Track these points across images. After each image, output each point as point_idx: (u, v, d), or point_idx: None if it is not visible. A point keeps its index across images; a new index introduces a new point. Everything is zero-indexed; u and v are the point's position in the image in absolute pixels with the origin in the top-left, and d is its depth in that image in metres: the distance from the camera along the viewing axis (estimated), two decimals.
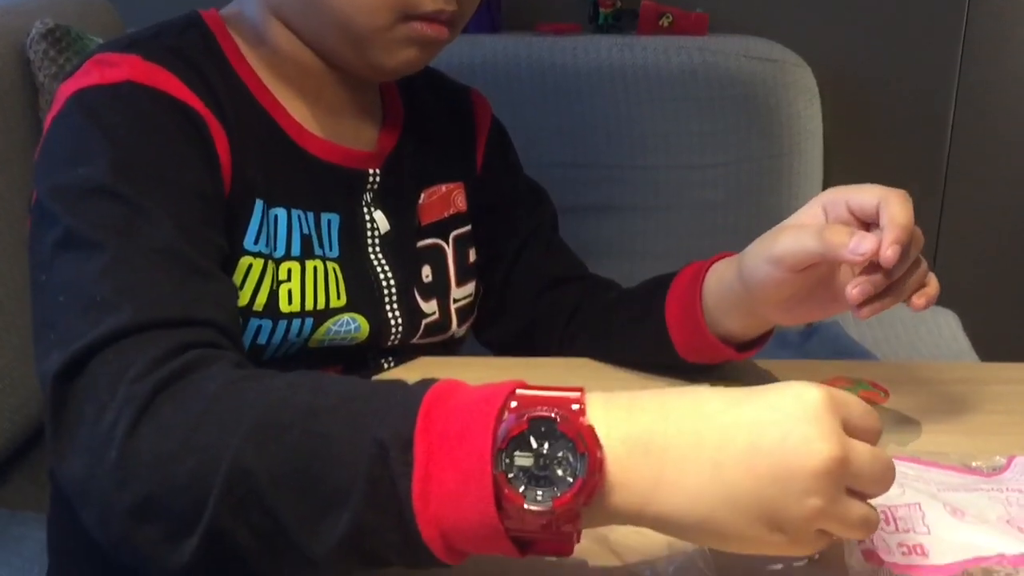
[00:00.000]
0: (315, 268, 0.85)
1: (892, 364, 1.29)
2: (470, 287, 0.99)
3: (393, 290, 0.91)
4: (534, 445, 0.52)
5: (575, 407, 0.53)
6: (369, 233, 0.90)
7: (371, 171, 0.90)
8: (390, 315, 0.90)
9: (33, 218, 0.73)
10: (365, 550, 0.55)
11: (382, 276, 0.90)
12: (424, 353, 0.95)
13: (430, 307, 0.94)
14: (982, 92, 1.78)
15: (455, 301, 0.97)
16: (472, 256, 1.00)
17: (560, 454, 0.52)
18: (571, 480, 0.52)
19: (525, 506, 0.52)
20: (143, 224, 0.69)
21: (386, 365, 0.93)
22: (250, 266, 0.80)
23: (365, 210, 0.90)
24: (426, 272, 0.95)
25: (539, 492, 0.52)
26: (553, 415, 0.53)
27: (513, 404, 0.54)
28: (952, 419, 0.83)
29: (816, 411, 0.53)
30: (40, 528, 0.97)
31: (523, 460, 0.52)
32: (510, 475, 0.52)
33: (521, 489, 0.52)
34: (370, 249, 0.90)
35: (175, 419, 0.58)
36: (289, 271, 0.83)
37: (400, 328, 0.91)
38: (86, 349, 0.62)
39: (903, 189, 0.74)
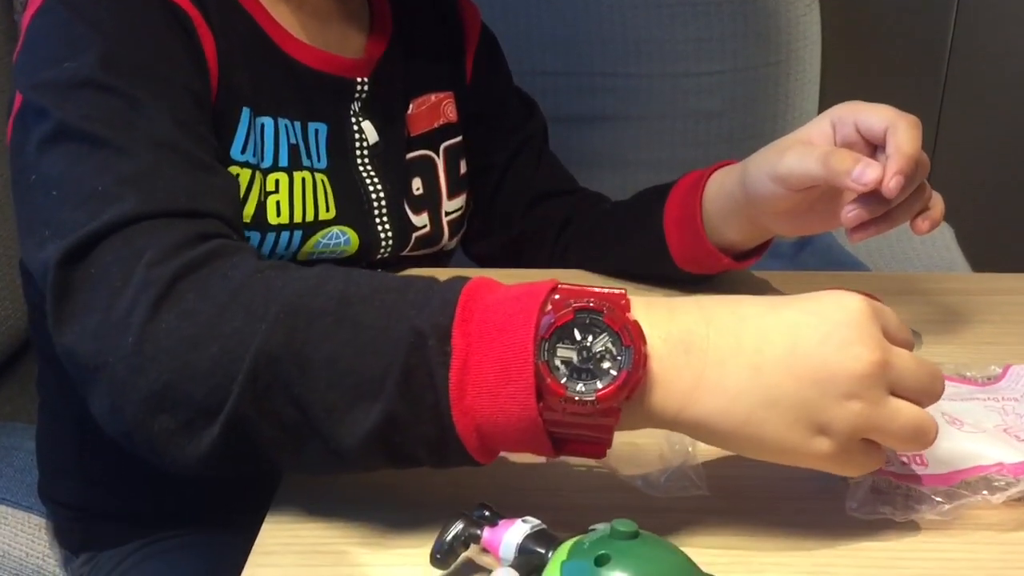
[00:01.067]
0: (303, 179, 0.83)
1: (886, 275, 1.29)
2: (462, 199, 0.98)
3: (383, 202, 0.89)
4: (578, 337, 0.52)
5: (622, 301, 0.53)
6: (357, 144, 0.89)
7: (359, 80, 0.88)
8: (380, 228, 0.89)
9: (16, 123, 0.71)
10: (394, 444, 0.54)
11: (371, 188, 0.89)
12: (414, 265, 0.95)
13: (421, 220, 0.93)
14: (983, 0, 1.75)
15: (447, 214, 0.96)
16: (463, 168, 0.98)
17: (603, 348, 0.52)
18: (615, 373, 0.52)
19: (567, 395, 0.51)
20: (139, 116, 0.67)
21: None
22: (237, 176, 0.78)
23: (353, 120, 0.88)
24: (416, 184, 0.93)
25: (581, 384, 0.52)
26: (600, 306, 0.52)
27: (556, 297, 0.53)
28: (947, 329, 0.83)
29: (856, 316, 0.53)
30: (31, 438, 0.98)
31: (566, 352, 0.52)
32: (552, 367, 0.52)
33: (563, 381, 0.52)
34: (358, 160, 0.89)
35: (198, 305, 0.56)
36: (277, 182, 0.82)
37: (390, 241, 0.90)
38: (90, 236, 0.60)
39: (905, 103, 0.73)
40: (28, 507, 1.04)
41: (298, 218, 0.83)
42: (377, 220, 0.89)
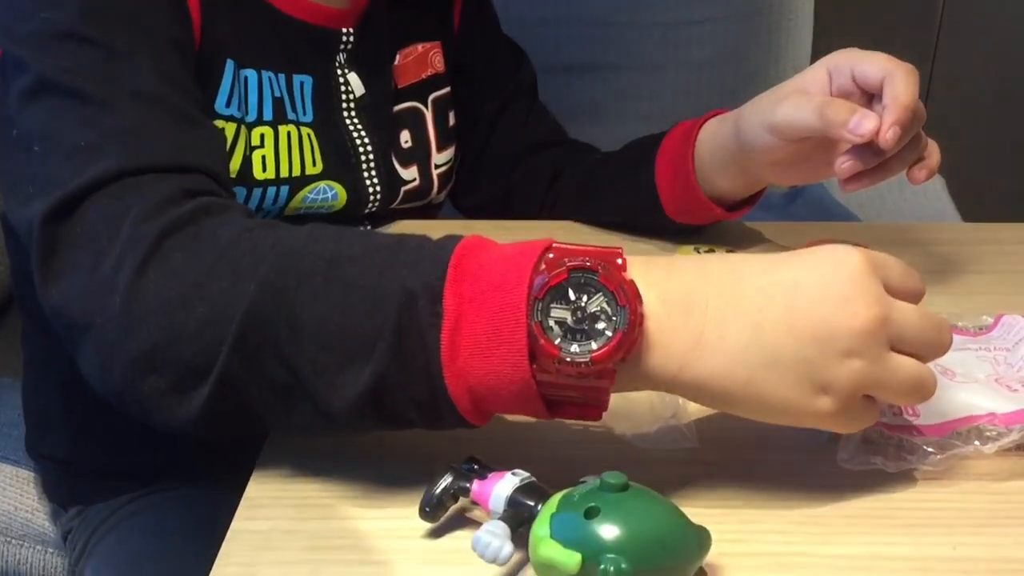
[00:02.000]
0: (288, 133, 0.82)
1: (876, 226, 1.29)
2: (451, 151, 0.97)
3: (370, 156, 0.88)
4: (572, 297, 0.51)
5: (618, 260, 0.52)
6: (344, 96, 0.87)
7: (344, 30, 0.87)
8: (368, 182, 0.88)
9: None
10: (385, 406, 0.54)
11: (359, 141, 0.88)
12: (402, 218, 0.94)
13: (409, 173, 0.92)
14: None
15: (436, 167, 0.95)
16: (452, 119, 0.97)
17: (598, 308, 0.51)
18: (610, 334, 0.51)
19: (561, 356, 0.51)
20: (122, 68, 0.66)
21: None
22: (222, 130, 0.77)
23: (339, 72, 0.87)
24: (405, 137, 0.92)
25: (576, 345, 0.51)
26: (595, 265, 0.51)
27: (550, 256, 0.52)
28: (938, 280, 0.83)
29: (853, 272, 0.52)
30: (18, 394, 0.97)
31: (560, 312, 0.51)
32: (546, 327, 0.51)
33: (557, 342, 0.51)
34: (345, 113, 0.87)
35: (186, 264, 0.56)
36: (262, 136, 0.81)
37: (378, 195, 0.89)
38: (75, 193, 0.59)
39: (899, 51, 0.72)
40: (16, 461, 1.04)
41: (284, 173, 0.82)
42: (365, 174, 0.88)
